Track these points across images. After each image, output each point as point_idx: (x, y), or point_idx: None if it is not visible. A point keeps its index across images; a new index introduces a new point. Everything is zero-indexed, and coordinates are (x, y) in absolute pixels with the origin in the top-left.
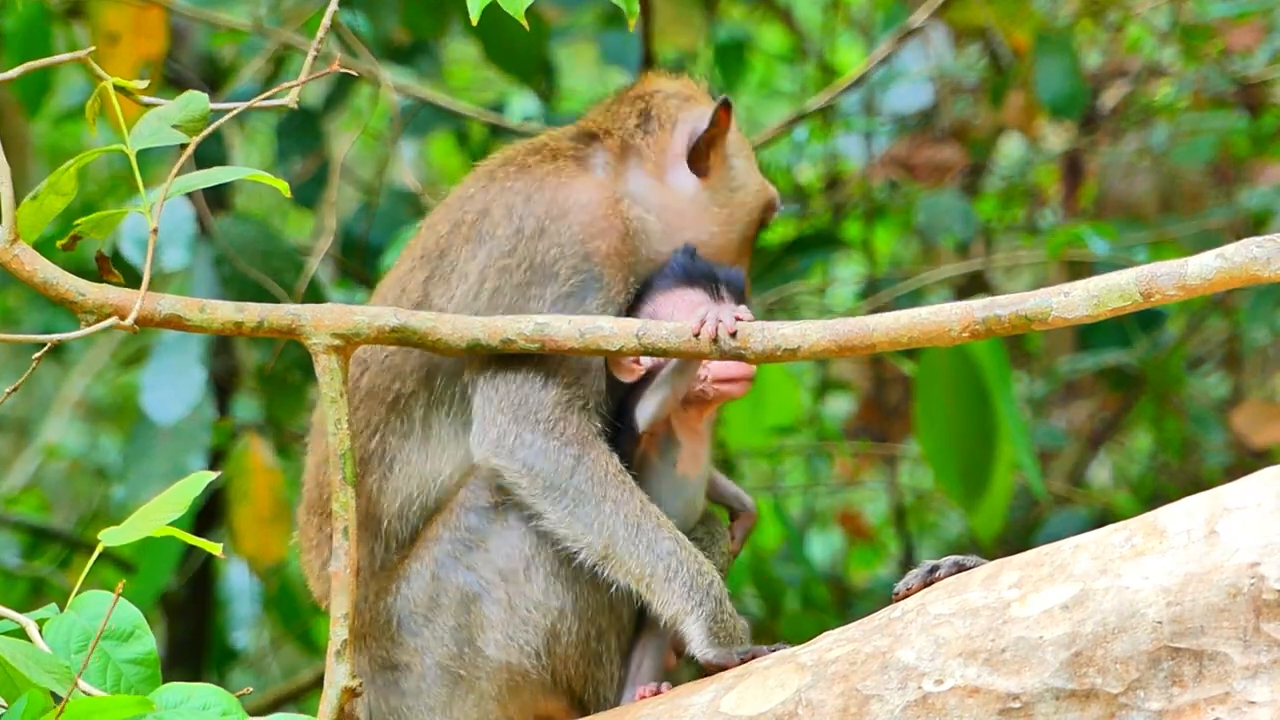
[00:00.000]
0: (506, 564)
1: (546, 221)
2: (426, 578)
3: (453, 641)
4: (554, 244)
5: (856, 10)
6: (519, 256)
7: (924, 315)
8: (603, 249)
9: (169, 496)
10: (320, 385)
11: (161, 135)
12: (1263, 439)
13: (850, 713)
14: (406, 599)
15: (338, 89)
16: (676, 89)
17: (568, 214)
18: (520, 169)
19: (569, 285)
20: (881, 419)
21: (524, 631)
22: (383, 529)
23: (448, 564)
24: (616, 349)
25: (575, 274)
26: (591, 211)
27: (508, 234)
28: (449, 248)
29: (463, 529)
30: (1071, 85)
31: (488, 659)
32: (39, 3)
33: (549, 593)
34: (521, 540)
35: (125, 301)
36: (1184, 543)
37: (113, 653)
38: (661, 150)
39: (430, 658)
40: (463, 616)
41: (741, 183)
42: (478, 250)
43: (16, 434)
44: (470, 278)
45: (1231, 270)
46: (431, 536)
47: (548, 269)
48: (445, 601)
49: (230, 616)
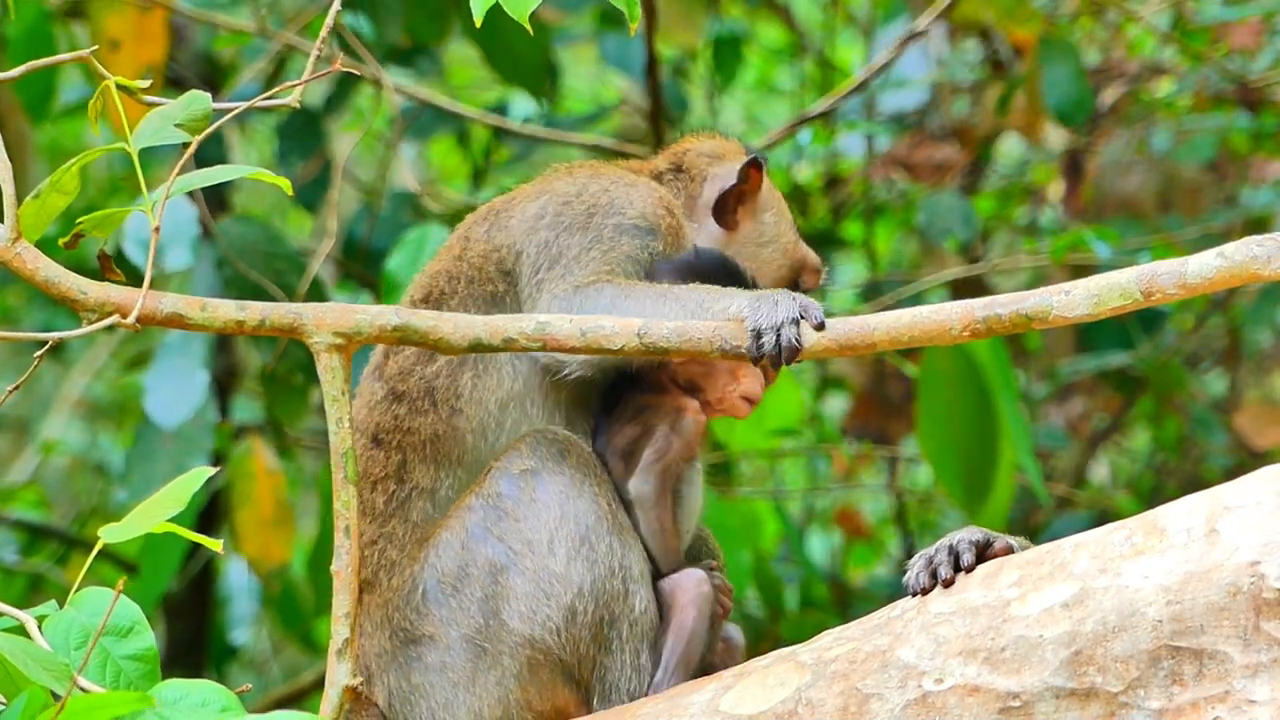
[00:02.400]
0: (534, 534)
1: (614, 189)
2: (456, 547)
3: (479, 613)
4: (619, 198)
5: (856, 8)
6: (585, 199)
7: (925, 314)
8: (661, 220)
9: (169, 492)
10: (322, 384)
11: (164, 134)
12: (1265, 441)
13: (850, 711)
14: (435, 569)
15: (339, 90)
16: (710, 147)
17: (633, 187)
18: (582, 168)
19: (629, 221)
20: (882, 418)
21: (546, 605)
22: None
23: (478, 534)
24: (618, 348)
25: (639, 219)
26: (651, 197)
27: (570, 188)
28: (511, 202)
29: (494, 495)
30: (1077, 91)
31: (511, 631)
32: (41, 8)
33: (570, 567)
34: (547, 510)
35: (127, 300)
36: (1184, 541)
37: (112, 649)
38: (693, 199)
39: (456, 630)
40: (490, 587)
41: (770, 239)
42: (539, 197)
43: (16, 432)
44: (529, 212)
45: (1232, 269)
46: (465, 505)
47: (611, 207)
48: (474, 572)
49: (230, 615)
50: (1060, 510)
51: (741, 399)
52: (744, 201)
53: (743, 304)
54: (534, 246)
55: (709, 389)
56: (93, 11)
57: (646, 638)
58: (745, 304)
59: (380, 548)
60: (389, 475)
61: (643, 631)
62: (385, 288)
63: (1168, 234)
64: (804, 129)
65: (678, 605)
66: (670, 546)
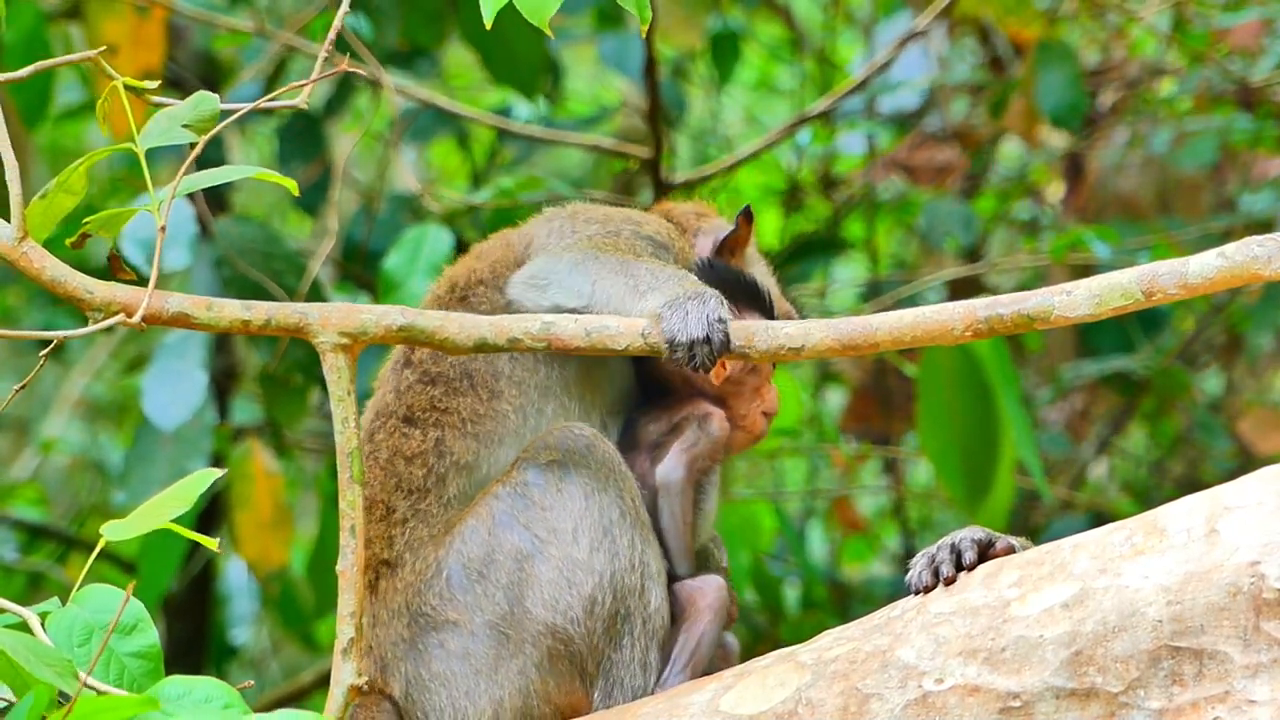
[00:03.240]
0: (559, 523)
1: (627, 212)
2: (483, 534)
3: (504, 599)
4: (632, 216)
5: (856, 7)
6: (601, 210)
7: (927, 314)
8: (674, 242)
9: (173, 493)
10: (328, 383)
11: (171, 135)
12: (1267, 446)
13: (850, 711)
14: (461, 554)
15: (339, 92)
16: (692, 206)
17: (648, 216)
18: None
19: (645, 233)
20: (881, 416)
21: (568, 594)
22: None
23: (505, 521)
24: (622, 348)
25: (655, 234)
26: (665, 225)
27: (584, 208)
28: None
29: (522, 484)
30: (1072, 96)
31: (534, 619)
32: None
33: (593, 556)
34: (573, 500)
35: (133, 299)
36: (1184, 541)
37: (115, 646)
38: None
39: (481, 616)
40: (516, 574)
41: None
42: (554, 218)
43: (16, 432)
44: (545, 215)
45: (1233, 269)
46: (491, 493)
47: (628, 220)
48: (500, 558)
49: (229, 614)
50: (1060, 511)
51: (763, 415)
52: (735, 252)
53: (659, 303)
54: (545, 232)
55: (736, 404)
56: (90, 15)
57: (656, 636)
58: (662, 303)
59: (411, 526)
60: (427, 450)
61: (654, 629)
62: (383, 288)
63: (1168, 234)
64: (803, 128)
65: (696, 608)
66: (686, 543)
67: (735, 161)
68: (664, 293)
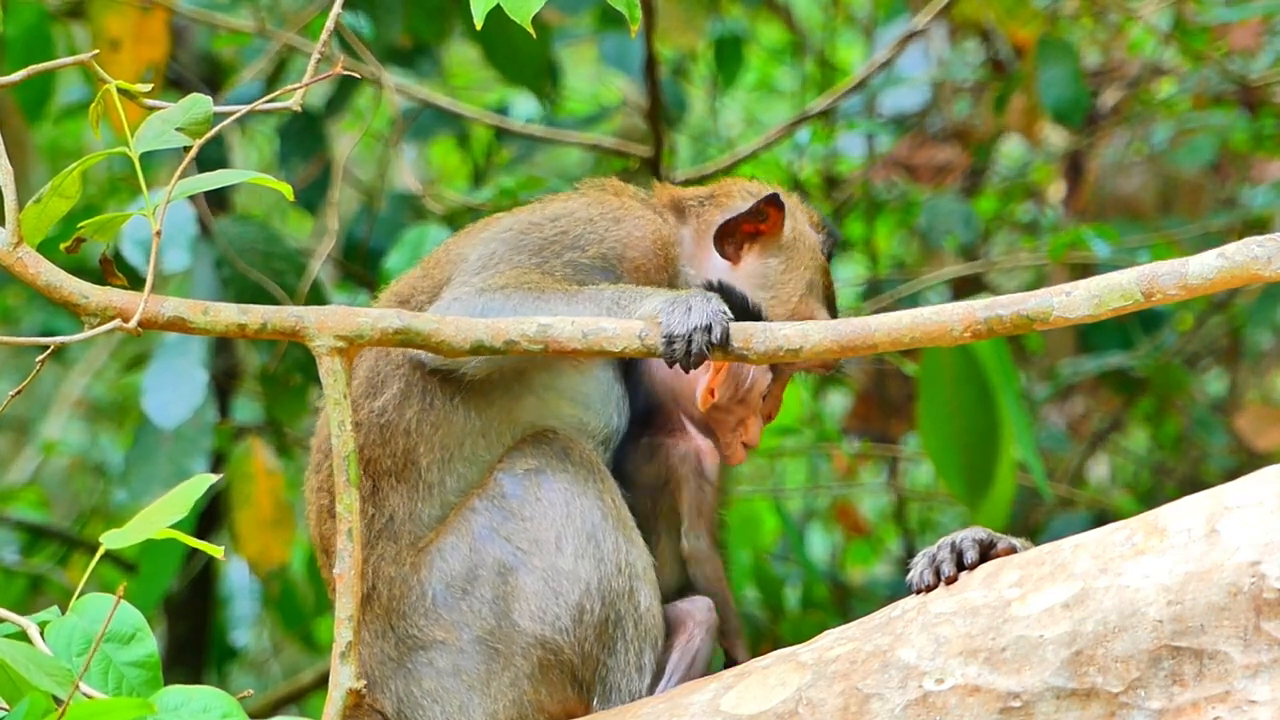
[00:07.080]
0: (541, 533)
1: (599, 221)
2: (464, 551)
3: (490, 614)
4: (594, 233)
5: (856, 8)
6: (558, 225)
7: (926, 315)
8: (634, 260)
9: (171, 499)
10: (324, 387)
11: (165, 138)
12: (1265, 443)
13: (851, 711)
14: (443, 573)
15: (339, 91)
16: (751, 185)
17: (620, 223)
18: (588, 193)
19: (587, 259)
20: (882, 416)
21: (555, 604)
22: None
23: (485, 535)
24: (619, 350)
25: (599, 259)
26: (640, 231)
27: (556, 212)
28: (498, 217)
29: (499, 496)
30: (1074, 91)
31: (522, 632)
32: (40, 8)
33: (578, 564)
34: (553, 509)
35: (129, 304)
36: (1184, 541)
37: (114, 655)
38: (707, 224)
39: (468, 632)
40: (500, 588)
41: (770, 284)
42: (520, 213)
43: (16, 433)
44: (501, 225)
45: (1232, 269)
46: (467, 508)
47: (575, 243)
48: (483, 574)
49: (230, 615)
50: (1060, 510)
51: (743, 445)
52: (757, 238)
53: (658, 305)
54: (477, 254)
55: (720, 433)
56: (93, 12)
57: (649, 637)
58: (660, 305)
59: (374, 565)
60: (365, 499)
61: (646, 630)
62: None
63: (1168, 234)
64: (804, 128)
65: (686, 626)
66: (728, 594)
67: (735, 160)
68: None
